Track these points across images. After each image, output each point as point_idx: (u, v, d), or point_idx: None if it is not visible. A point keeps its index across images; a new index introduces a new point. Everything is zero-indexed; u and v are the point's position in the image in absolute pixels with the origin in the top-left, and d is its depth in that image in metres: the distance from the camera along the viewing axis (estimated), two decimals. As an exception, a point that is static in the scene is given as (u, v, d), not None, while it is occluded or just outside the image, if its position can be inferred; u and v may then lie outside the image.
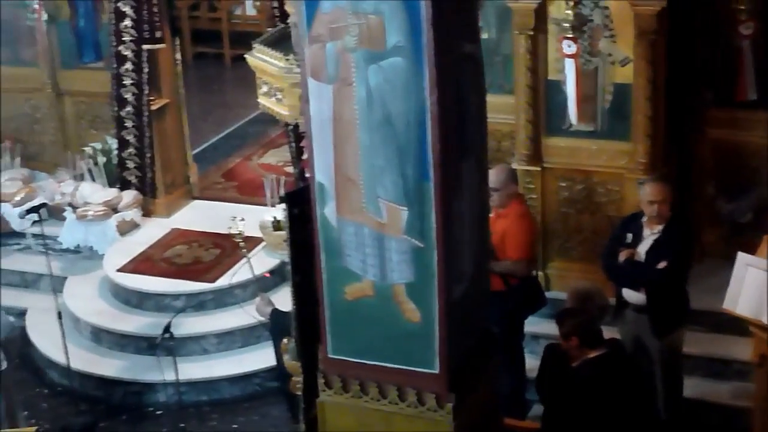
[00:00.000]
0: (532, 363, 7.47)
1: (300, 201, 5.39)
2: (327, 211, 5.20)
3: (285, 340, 6.23)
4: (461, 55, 5.04)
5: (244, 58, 7.14)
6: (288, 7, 7.34)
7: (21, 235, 10.31)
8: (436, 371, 5.23)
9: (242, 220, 8.05)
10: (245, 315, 8.76)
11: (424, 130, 4.88)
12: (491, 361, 5.65)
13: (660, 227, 7.07)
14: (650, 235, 7.08)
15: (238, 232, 7.12)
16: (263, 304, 6.76)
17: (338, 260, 5.24)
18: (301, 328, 5.59)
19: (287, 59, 6.04)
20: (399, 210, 5.02)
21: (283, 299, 8.28)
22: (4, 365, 7.01)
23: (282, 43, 6.36)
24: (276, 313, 6.60)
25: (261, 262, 9.04)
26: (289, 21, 8.48)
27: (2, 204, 10.31)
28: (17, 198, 10.26)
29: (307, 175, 8.78)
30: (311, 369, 5.60)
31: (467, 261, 5.29)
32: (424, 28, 4.76)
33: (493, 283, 6.40)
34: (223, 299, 9.06)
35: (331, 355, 5.43)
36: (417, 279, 5.12)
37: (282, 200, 5.53)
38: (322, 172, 5.16)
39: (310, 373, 5.63)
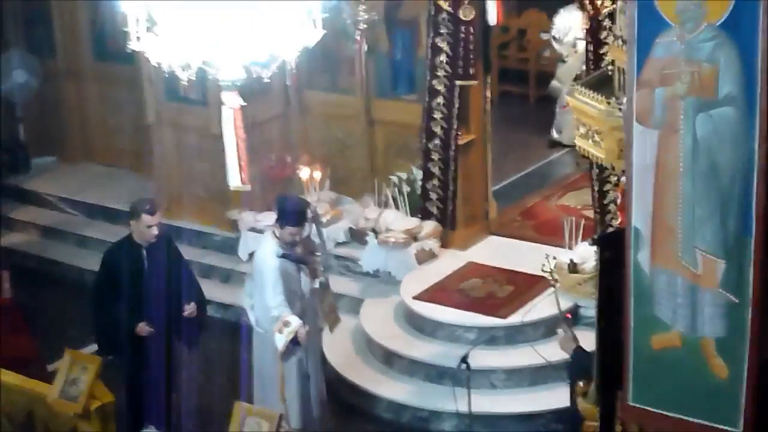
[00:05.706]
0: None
1: (612, 245, 5.37)
2: (640, 257, 5.17)
3: (581, 383, 6.20)
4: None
5: (548, 99, 7.15)
6: (610, 52, 7.33)
7: (324, 255, 10.70)
8: (740, 430, 5.10)
9: (554, 258, 8.09)
10: (535, 354, 8.77)
11: (750, 183, 4.81)
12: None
13: None
14: None
15: (550, 270, 7.20)
16: (567, 339, 6.72)
17: (648, 308, 5.19)
18: (602, 373, 5.55)
19: (608, 102, 6.05)
20: (716, 262, 4.95)
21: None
22: None
23: (602, 85, 6.37)
24: (579, 352, 6.56)
25: (554, 302, 9.01)
26: (603, 64, 8.52)
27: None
28: (324, 219, 10.66)
29: (611, 220, 8.77)
30: (608, 415, 5.56)
31: (782, 321, 5.14)
32: (758, 78, 4.69)
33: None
34: (513, 336, 9.10)
35: (631, 403, 5.38)
36: (728, 334, 5.02)
37: (594, 243, 5.53)
38: (638, 218, 5.14)
39: (606, 419, 5.59)
